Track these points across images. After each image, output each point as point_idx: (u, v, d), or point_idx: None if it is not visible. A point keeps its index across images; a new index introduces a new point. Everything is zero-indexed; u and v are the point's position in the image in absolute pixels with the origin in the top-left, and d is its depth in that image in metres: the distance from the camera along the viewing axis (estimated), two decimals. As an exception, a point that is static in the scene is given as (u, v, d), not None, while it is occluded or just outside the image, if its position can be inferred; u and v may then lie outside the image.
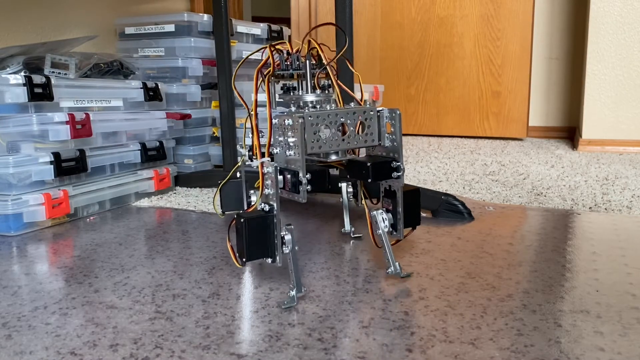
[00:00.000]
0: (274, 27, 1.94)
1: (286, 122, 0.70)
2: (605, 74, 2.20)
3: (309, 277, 0.84)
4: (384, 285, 0.80)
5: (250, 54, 0.95)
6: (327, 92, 0.79)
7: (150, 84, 1.46)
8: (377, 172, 0.76)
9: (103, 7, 1.91)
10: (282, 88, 0.87)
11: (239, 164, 0.96)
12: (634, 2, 2.14)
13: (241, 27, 1.79)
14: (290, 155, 0.71)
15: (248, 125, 0.93)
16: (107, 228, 1.15)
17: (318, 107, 0.78)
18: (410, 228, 0.83)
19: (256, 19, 2.37)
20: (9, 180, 1.12)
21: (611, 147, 2.18)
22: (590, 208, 1.24)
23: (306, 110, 0.72)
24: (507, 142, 2.50)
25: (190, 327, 0.67)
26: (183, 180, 1.58)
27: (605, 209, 1.23)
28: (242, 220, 0.69)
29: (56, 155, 1.18)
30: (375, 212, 0.81)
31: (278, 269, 0.87)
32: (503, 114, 2.60)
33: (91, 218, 1.25)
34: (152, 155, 1.44)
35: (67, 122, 1.20)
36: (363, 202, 0.87)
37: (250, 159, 0.93)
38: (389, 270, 0.81)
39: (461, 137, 2.72)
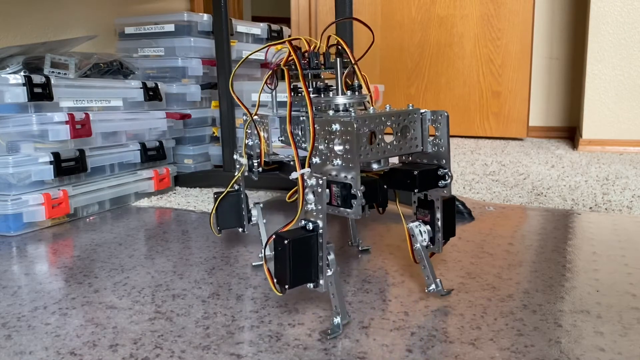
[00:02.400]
0: (274, 26, 1.94)
1: (333, 127, 0.62)
2: (606, 73, 2.20)
3: (309, 277, 0.83)
4: (384, 285, 0.80)
5: (253, 52, 0.87)
6: (357, 93, 0.72)
7: (150, 84, 1.46)
8: (423, 180, 0.68)
9: (103, 7, 1.90)
10: (293, 89, 0.81)
11: (238, 174, 0.90)
12: (634, 2, 2.13)
13: (241, 27, 1.79)
14: (336, 164, 0.63)
15: (248, 130, 0.87)
16: (107, 228, 1.15)
17: (352, 110, 0.70)
18: (444, 240, 0.76)
19: (256, 19, 2.37)
20: (9, 180, 1.12)
21: (611, 147, 2.18)
22: (590, 208, 1.24)
23: (352, 114, 0.64)
24: (508, 142, 2.50)
25: (190, 327, 0.67)
26: (183, 180, 1.58)
27: (606, 209, 1.23)
28: (285, 241, 0.60)
29: (56, 155, 1.18)
30: (411, 225, 0.74)
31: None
32: (503, 113, 2.60)
33: (91, 218, 1.25)
34: (152, 155, 1.44)
35: (66, 122, 1.20)
36: (400, 212, 0.78)
37: (251, 168, 0.87)
38: (430, 288, 0.74)
39: (461, 137, 2.71)
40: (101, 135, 1.31)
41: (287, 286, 0.61)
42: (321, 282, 0.63)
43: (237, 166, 0.90)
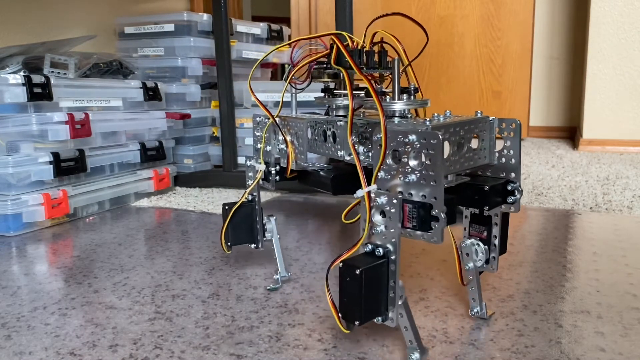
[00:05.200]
0: (274, 26, 1.93)
1: (410, 137, 0.53)
2: (606, 73, 2.19)
3: (309, 277, 0.83)
4: (384, 285, 0.80)
5: (276, 48, 0.77)
6: (412, 97, 0.63)
7: (149, 84, 1.45)
8: (494, 197, 0.62)
9: (102, 7, 1.90)
10: (323, 90, 0.74)
11: (253, 184, 0.79)
12: (635, 2, 2.13)
13: (241, 27, 1.79)
14: (410, 180, 0.54)
15: (265, 134, 0.78)
16: (107, 228, 1.15)
17: (410, 117, 0.63)
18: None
19: (256, 19, 2.36)
20: (9, 180, 1.12)
21: (612, 147, 2.17)
22: (590, 208, 1.23)
23: (427, 122, 0.57)
24: (508, 142, 2.50)
25: (190, 328, 0.67)
26: (183, 180, 1.58)
27: (606, 209, 1.22)
28: (357, 270, 0.52)
29: (55, 155, 1.18)
30: (467, 243, 0.66)
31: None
32: (503, 113, 2.59)
33: (90, 218, 1.25)
34: (152, 155, 1.44)
35: (66, 122, 1.20)
36: (449, 230, 0.66)
37: (267, 177, 0.77)
38: (475, 311, 0.68)
39: (461, 136, 2.71)
40: (101, 135, 1.31)
41: (357, 322, 0.53)
42: (391, 314, 0.55)
43: (250, 174, 0.80)
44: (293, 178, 0.77)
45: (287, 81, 0.71)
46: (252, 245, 0.81)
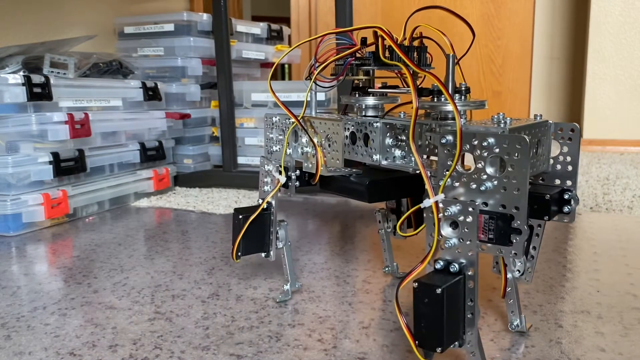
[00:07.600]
0: (274, 26, 1.93)
1: (489, 141, 0.48)
2: (606, 73, 2.19)
3: (309, 277, 0.83)
4: (384, 285, 0.80)
5: (302, 43, 0.69)
6: (463, 97, 0.59)
7: (149, 84, 1.45)
8: (554, 205, 0.58)
9: (102, 7, 1.90)
10: (355, 88, 0.68)
11: (274, 191, 0.72)
12: (635, 2, 2.13)
13: (241, 27, 1.79)
14: (487, 188, 0.49)
15: (287, 137, 0.71)
16: (106, 228, 1.15)
17: (465, 119, 0.58)
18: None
19: (256, 18, 2.36)
20: (8, 180, 1.12)
21: (612, 147, 2.17)
22: (591, 208, 1.23)
23: (501, 125, 0.53)
24: (508, 142, 2.50)
25: (190, 328, 0.67)
26: (182, 180, 1.58)
27: (606, 209, 1.22)
28: (438, 290, 0.47)
29: (55, 155, 1.18)
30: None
31: (275, 264, 0.86)
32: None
33: (90, 218, 1.25)
34: (152, 155, 1.44)
35: (66, 122, 1.20)
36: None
37: (286, 185, 0.71)
38: (515, 324, 0.65)
39: (461, 136, 2.71)
40: (100, 135, 1.31)
41: (439, 349, 0.48)
42: (468, 338, 0.49)
43: (266, 180, 0.73)
44: (316, 183, 0.72)
45: (313, 79, 0.65)
46: (263, 254, 0.75)
